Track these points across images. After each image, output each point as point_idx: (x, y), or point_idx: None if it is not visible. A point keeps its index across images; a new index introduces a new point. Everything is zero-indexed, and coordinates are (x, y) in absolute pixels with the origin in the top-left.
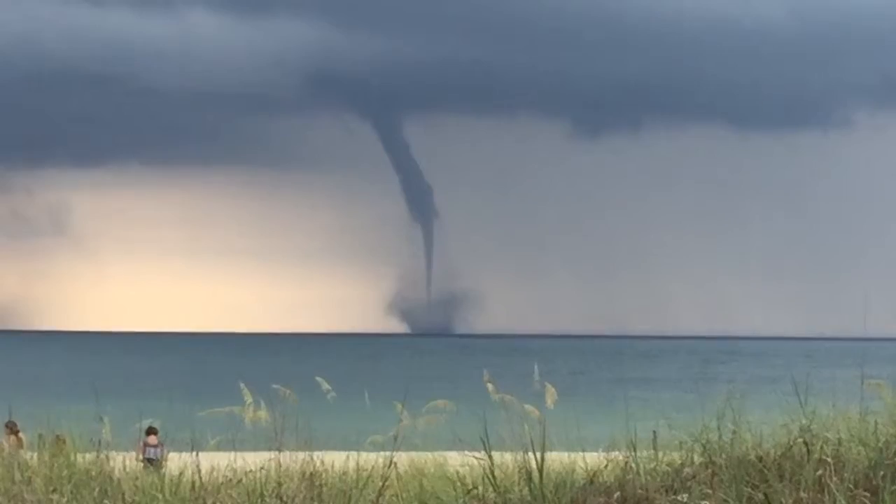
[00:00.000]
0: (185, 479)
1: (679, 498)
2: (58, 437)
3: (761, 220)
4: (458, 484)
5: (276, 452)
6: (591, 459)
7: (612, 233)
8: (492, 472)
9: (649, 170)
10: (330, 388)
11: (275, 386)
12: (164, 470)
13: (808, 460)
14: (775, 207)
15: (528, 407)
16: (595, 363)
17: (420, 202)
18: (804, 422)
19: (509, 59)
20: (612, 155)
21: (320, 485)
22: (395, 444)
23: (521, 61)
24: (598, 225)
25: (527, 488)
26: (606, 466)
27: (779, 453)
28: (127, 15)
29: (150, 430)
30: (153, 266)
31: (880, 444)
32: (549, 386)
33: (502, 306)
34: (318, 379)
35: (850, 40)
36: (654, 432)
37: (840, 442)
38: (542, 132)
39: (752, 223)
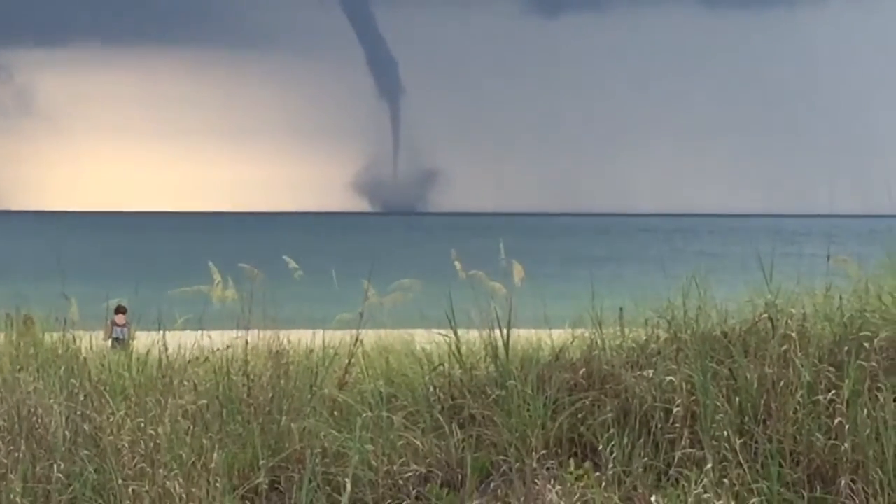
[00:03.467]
0: (151, 358)
1: (644, 373)
2: (26, 317)
3: (726, 98)
4: (425, 361)
5: (244, 331)
6: (557, 336)
7: (576, 111)
8: (458, 349)
9: (612, 48)
10: (297, 266)
11: (242, 265)
12: (130, 349)
13: (773, 336)
14: (741, 85)
15: (494, 284)
16: (559, 241)
17: (386, 78)
18: (769, 298)
19: None
20: (574, 33)
21: (287, 362)
22: (361, 321)
23: None
24: (560, 103)
25: (493, 365)
26: (572, 343)
27: (744, 329)
28: None
29: (119, 310)
30: (119, 146)
31: (845, 320)
32: (516, 263)
33: (465, 185)
34: (286, 258)
35: None
36: (621, 308)
37: (805, 318)
38: (501, 9)
39: (716, 101)
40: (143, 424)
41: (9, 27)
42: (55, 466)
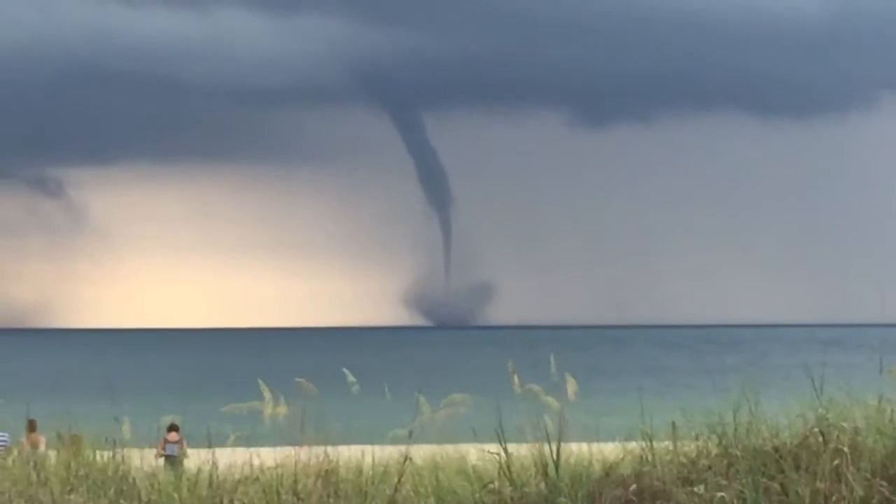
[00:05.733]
0: (202, 477)
1: (695, 489)
2: (73, 436)
3: (775, 207)
4: (475, 478)
5: (294, 448)
6: (608, 450)
7: (625, 222)
8: (507, 467)
9: (661, 159)
10: (354, 380)
11: (297, 379)
12: (182, 468)
13: (825, 450)
14: (790, 194)
15: (548, 399)
16: (610, 354)
17: (437, 189)
18: (820, 411)
19: (523, 52)
20: (623, 145)
21: (336, 481)
22: (411, 438)
23: (535, 54)
24: (609, 215)
25: (543, 482)
26: (623, 458)
27: (795, 443)
28: (159, 15)
29: (172, 427)
30: (171, 262)
31: None
32: (569, 378)
33: (518, 297)
34: (345, 370)
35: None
36: (673, 423)
37: (857, 431)
38: (548, 121)
39: (765, 211)
40: None
41: (60, 146)
42: None
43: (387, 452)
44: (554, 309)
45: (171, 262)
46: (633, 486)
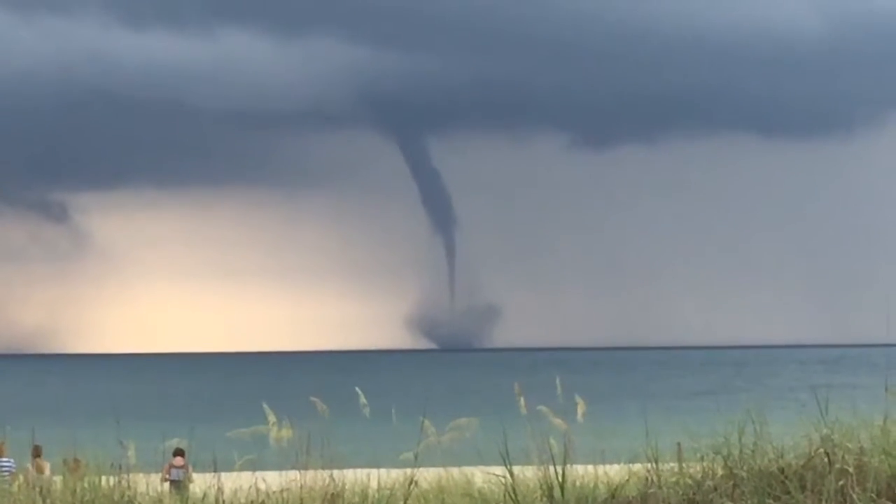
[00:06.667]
0: (207, 502)
1: None
2: (74, 459)
3: (780, 229)
4: (480, 501)
5: (299, 472)
6: (614, 472)
7: (628, 243)
8: (513, 489)
9: (665, 180)
10: (366, 401)
11: (312, 398)
12: (187, 492)
13: (830, 471)
14: (795, 215)
15: (556, 420)
16: (615, 376)
17: (440, 211)
18: (825, 431)
19: (527, 74)
20: (628, 166)
21: None
22: (417, 461)
23: (538, 76)
24: (613, 236)
25: None
26: (629, 480)
27: (800, 464)
28: (164, 39)
29: (177, 452)
30: (176, 287)
31: None
32: (579, 399)
33: (522, 319)
34: (358, 390)
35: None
36: (679, 444)
37: (862, 451)
38: (550, 142)
39: (770, 233)
40: None
41: (65, 170)
42: None
43: (392, 475)
44: (559, 331)
45: (177, 286)
46: None
